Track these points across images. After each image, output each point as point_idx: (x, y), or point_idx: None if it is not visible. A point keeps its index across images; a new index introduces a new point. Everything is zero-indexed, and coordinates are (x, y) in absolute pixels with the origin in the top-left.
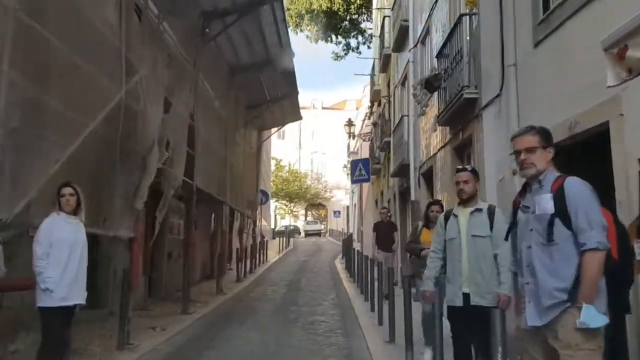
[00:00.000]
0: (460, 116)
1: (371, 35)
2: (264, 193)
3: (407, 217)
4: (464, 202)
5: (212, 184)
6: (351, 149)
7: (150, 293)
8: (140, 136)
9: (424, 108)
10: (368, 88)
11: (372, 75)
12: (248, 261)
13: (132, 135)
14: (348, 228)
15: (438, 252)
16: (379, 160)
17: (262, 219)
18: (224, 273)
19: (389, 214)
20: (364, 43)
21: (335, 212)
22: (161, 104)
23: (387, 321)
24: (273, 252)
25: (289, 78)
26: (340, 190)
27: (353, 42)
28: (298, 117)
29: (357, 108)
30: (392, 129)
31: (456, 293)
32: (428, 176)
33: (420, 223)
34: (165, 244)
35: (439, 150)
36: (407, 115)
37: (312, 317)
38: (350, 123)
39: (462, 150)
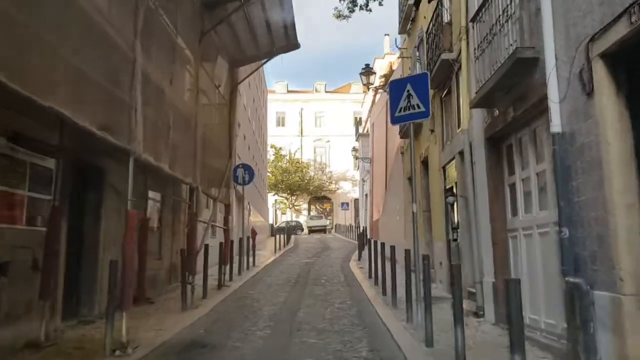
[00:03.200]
0: None
1: None
2: (248, 168)
3: (505, 192)
4: None
5: (101, 111)
6: (360, 131)
7: None
8: None
9: None
10: (379, 62)
11: None
12: (215, 270)
13: None
14: (357, 222)
15: None
16: None
17: (258, 214)
18: (144, 298)
19: None
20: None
21: (342, 204)
22: None
23: None
24: (267, 252)
25: None
26: (347, 182)
27: None
28: (293, 44)
29: (364, 91)
30: (468, 20)
31: None
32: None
33: None
34: None
35: None
36: None
37: None
38: (368, 71)
39: None
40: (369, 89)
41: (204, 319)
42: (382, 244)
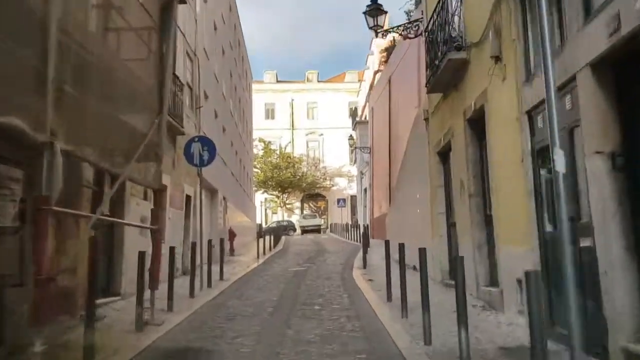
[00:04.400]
0: None
1: None
2: (207, 143)
3: None
4: None
5: None
6: (358, 117)
7: None
8: None
9: None
10: (379, 41)
11: None
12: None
13: None
14: (355, 220)
15: None
16: (461, 43)
17: (241, 213)
18: None
19: None
20: None
21: (338, 200)
22: None
23: None
24: (249, 258)
25: None
26: (343, 178)
27: None
28: None
29: (359, 81)
30: None
31: None
32: None
33: None
34: None
35: None
36: None
37: None
38: (377, 7)
39: None
40: (377, 34)
41: None
42: (423, 251)
